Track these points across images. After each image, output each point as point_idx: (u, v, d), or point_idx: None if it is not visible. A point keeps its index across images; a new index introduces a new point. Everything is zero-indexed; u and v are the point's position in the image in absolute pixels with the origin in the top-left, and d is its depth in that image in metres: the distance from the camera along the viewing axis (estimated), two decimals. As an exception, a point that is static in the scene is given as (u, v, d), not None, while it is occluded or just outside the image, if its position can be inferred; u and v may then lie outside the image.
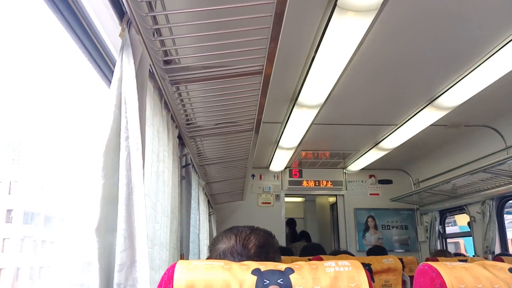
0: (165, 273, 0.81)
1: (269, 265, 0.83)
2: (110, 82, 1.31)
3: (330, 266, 0.83)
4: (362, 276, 0.82)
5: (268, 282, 0.79)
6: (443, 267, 0.86)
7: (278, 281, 0.79)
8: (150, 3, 1.18)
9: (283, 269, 0.82)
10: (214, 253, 1.07)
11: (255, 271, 0.81)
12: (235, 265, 0.83)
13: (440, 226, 5.20)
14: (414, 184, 5.73)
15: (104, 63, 1.30)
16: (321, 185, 5.88)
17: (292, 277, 0.80)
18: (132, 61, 1.05)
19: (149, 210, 1.26)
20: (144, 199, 0.97)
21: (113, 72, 1.27)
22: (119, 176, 0.98)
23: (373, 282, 2.02)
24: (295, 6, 2.02)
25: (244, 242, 1.07)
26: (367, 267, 1.99)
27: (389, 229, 5.75)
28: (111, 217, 0.97)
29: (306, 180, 5.87)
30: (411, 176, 5.81)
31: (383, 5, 1.98)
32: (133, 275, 0.93)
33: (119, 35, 1.08)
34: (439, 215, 5.24)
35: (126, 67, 1.04)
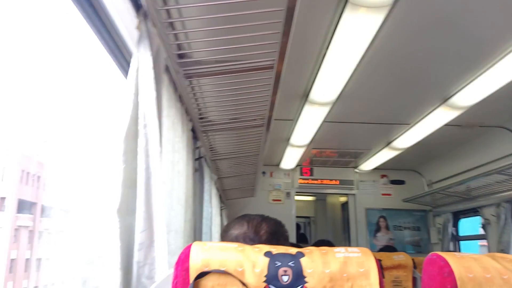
0: (182, 252, 0.84)
1: (280, 249, 0.87)
2: (127, 73, 1.36)
3: (340, 252, 0.86)
4: (371, 262, 0.85)
5: (279, 264, 0.83)
6: (451, 257, 0.88)
7: (289, 263, 0.83)
8: (164, -3, 1.22)
9: (294, 253, 0.85)
10: (226, 239, 1.12)
11: (267, 253, 0.85)
12: (248, 247, 0.87)
13: (453, 228, 5.16)
14: (427, 185, 5.69)
15: (120, 54, 1.35)
16: (332, 184, 5.88)
17: (302, 260, 0.83)
18: (149, 52, 1.09)
19: (165, 196, 1.31)
20: (162, 183, 1.01)
21: (129, 63, 1.32)
22: (137, 161, 1.03)
23: (383, 277, 2.03)
24: (307, 1, 2.04)
25: (256, 228, 1.11)
26: (377, 261, 2.00)
27: (401, 230, 5.72)
28: (131, 199, 1.02)
29: (317, 179, 5.88)
30: (424, 177, 5.77)
31: (395, 1, 2.00)
32: (152, 254, 0.98)
33: (136, 27, 1.12)
34: (453, 217, 5.19)
35: (143, 58, 1.08)
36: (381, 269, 1.95)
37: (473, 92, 2.99)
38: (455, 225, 5.19)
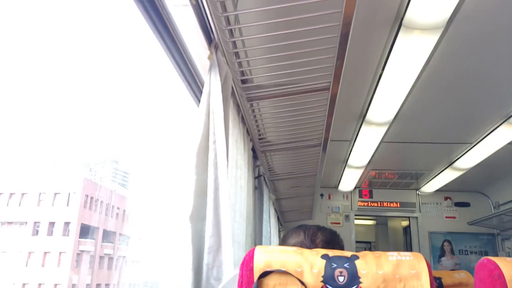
0: (246, 254, 0.95)
1: (336, 252, 0.95)
2: (197, 96, 1.53)
3: (393, 255, 0.92)
4: (422, 265, 0.90)
5: (335, 265, 0.90)
6: (501, 260, 0.92)
7: (345, 265, 0.90)
8: (231, 30, 1.38)
9: (349, 256, 0.93)
10: None
11: (324, 256, 0.93)
12: (306, 251, 0.95)
13: (524, 252, 4.84)
14: (494, 207, 5.40)
15: (193, 81, 1.52)
16: (393, 206, 5.74)
17: (357, 262, 0.90)
18: (218, 78, 1.24)
19: (229, 208, 1.44)
20: (228, 194, 1.14)
21: (200, 88, 1.48)
22: (207, 173, 1.17)
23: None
24: (360, 26, 2.12)
25: (312, 237, 1.19)
26: (437, 280, 1.98)
27: (467, 254, 5.44)
28: (201, 207, 1.15)
29: (376, 201, 5.77)
30: (491, 199, 5.49)
31: (448, 22, 2.03)
32: (220, 258, 1.10)
33: (208, 58, 1.28)
34: (523, 240, 4.89)
35: (214, 84, 1.24)
36: (441, 286, 1.93)
37: (539, 109, 2.88)
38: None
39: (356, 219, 5.86)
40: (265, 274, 0.90)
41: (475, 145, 3.73)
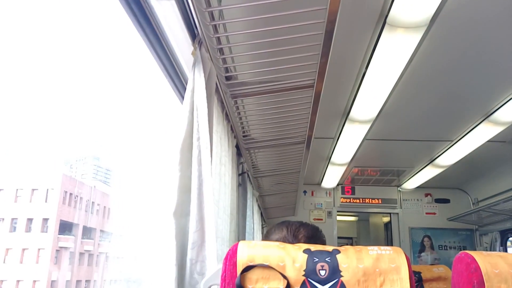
0: (230, 249, 0.95)
1: (318, 247, 0.96)
2: (180, 93, 1.52)
3: (373, 250, 0.94)
4: (402, 258, 0.92)
5: (317, 260, 0.92)
6: (478, 254, 0.94)
7: (326, 259, 0.92)
8: (215, 26, 1.38)
9: (330, 250, 0.94)
10: None
11: (306, 250, 0.94)
12: (288, 245, 0.96)
13: (501, 248, 4.97)
14: (473, 204, 5.53)
15: (177, 78, 1.52)
16: (375, 203, 5.83)
17: (338, 256, 0.92)
18: (202, 75, 1.24)
19: (213, 204, 1.44)
20: (212, 190, 1.14)
21: (183, 84, 1.48)
22: (191, 169, 1.17)
23: (423, 289, 2.05)
24: (345, 24, 2.14)
25: (294, 233, 1.20)
26: (417, 275, 2.02)
27: (447, 249, 5.57)
28: (185, 203, 1.15)
29: (358, 198, 5.85)
30: (470, 195, 5.62)
31: (432, 21, 2.06)
32: (203, 253, 1.10)
33: (192, 53, 1.28)
34: (500, 235, 5.01)
35: (197, 80, 1.23)
36: (420, 281, 1.97)
37: (516, 108, 2.95)
38: (503, 244, 5.00)
39: (338, 215, 5.93)
40: (248, 268, 0.91)
41: (455, 142, 3.80)
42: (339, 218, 5.96)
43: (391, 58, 2.34)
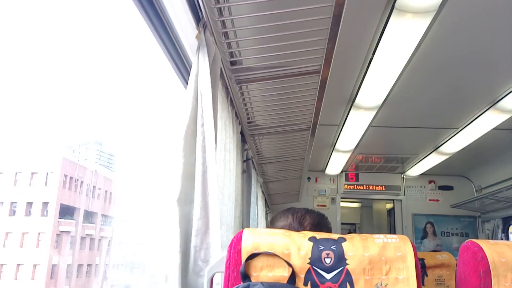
0: (234, 236, 0.95)
1: (323, 235, 0.95)
2: (184, 78, 1.50)
3: (379, 238, 0.93)
4: (408, 247, 0.91)
5: (322, 248, 0.91)
6: (485, 243, 0.93)
7: (332, 247, 0.91)
8: (220, 9, 1.35)
9: (336, 238, 0.93)
10: None
11: (312, 238, 0.93)
12: (293, 233, 0.95)
13: (503, 234, 4.97)
14: (476, 191, 5.52)
15: (181, 62, 1.49)
16: (378, 189, 5.83)
17: (344, 244, 0.91)
18: (207, 59, 1.22)
19: (217, 191, 1.43)
20: (217, 177, 1.13)
21: (187, 69, 1.46)
22: (195, 156, 1.16)
23: (426, 276, 2.05)
24: (353, 8, 2.09)
25: (300, 220, 1.19)
26: (420, 261, 2.02)
27: (449, 236, 5.59)
28: (189, 190, 1.14)
29: (362, 184, 5.84)
30: (473, 183, 5.60)
31: (441, 6, 2.01)
32: (207, 240, 1.10)
33: (196, 37, 1.25)
34: (502, 222, 5.02)
35: (202, 65, 1.21)
36: (424, 267, 1.97)
37: (523, 96, 2.91)
38: (505, 230, 5.00)
39: (342, 201, 5.94)
40: (252, 256, 0.90)
41: (461, 130, 3.77)
42: (342, 204, 5.97)
43: (398, 44, 2.30)
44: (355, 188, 5.86)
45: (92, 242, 35.34)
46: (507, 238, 5.02)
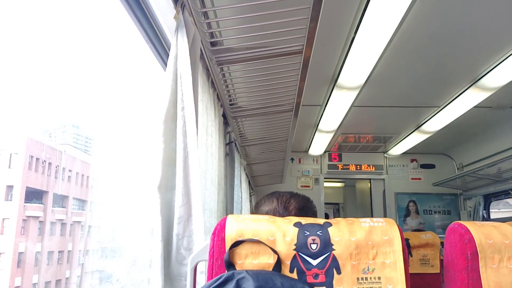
0: (218, 223, 0.92)
1: (309, 220, 0.93)
2: (163, 60, 1.45)
3: (365, 222, 0.91)
4: (394, 230, 0.90)
5: (308, 233, 0.89)
6: (472, 225, 0.93)
7: (318, 232, 0.89)
8: (199, -12, 1.29)
9: (321, 223, 0.91)
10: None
11: (297, 224, 0.91)
12: (278, 219, 0.93)
13: (484, 211, 5.09)
14: (457, 169, 5.61)
15: (159, 44, 1.44)
16: (361, 169, 5.88)
17: (330, 229, 0.89)
18: (186, 40, 1.17)
19: (200, 176, 1.40)
20: (199, 162, 1.10)
21: (166, 51, 1.40)
22: (176, 141, 1.12)
23: (411, 256, 2.08)
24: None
25: (285, 204, 1.17)
26: (405, 241, 2.04)
27: (431, 214, 5.69)
28: (170, 177, 1.11)
29: (345, 164, 5.88)
30: (455, 161, 5.70)
31: (423, -17, 1.99)
32: (190, 227, 1.07)
33: (174, 17, 1.20)
34: (483, 200, 5.13)
35: (181, 46, 1.16)
36: (408, 247, 1.99)
37: (503, 73, 2.94)
38: (486, 207, 5.12)
39: (325, 181, 5.97)
40: (237, 243, 0.88)
41: (442, 108, 3.80)
42: (326, 184, 6.01)
43: (380, 23, 2.28)
44: (339, 168, 5.90)
45: (64, 227, 34.12)
46: (488, 215, 5.15)
